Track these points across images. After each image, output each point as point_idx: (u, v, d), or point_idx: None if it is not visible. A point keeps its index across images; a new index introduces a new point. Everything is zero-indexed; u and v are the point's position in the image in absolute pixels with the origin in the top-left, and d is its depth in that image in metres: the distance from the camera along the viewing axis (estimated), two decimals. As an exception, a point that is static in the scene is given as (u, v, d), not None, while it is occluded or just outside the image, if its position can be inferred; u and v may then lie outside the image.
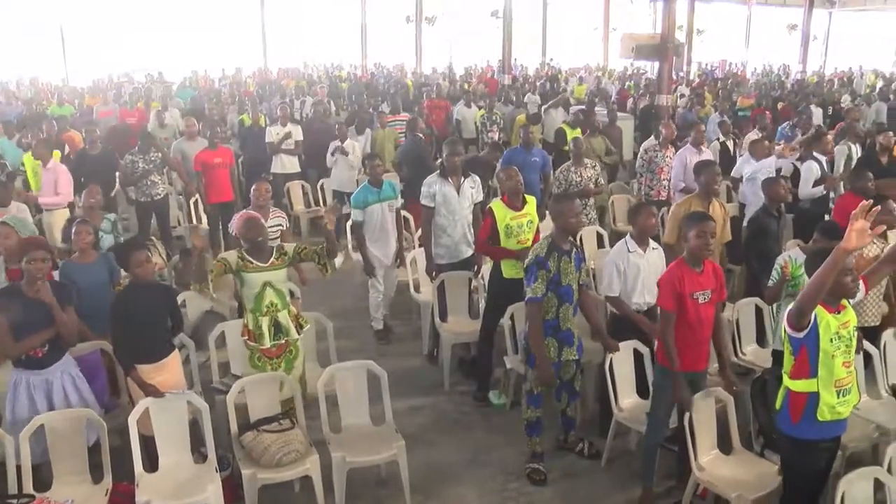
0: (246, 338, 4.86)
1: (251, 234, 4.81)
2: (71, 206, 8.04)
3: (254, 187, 6.24)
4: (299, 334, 4.95)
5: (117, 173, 8.94)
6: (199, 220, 9.52)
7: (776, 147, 8.18)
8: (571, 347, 4.84)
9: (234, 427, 4.57)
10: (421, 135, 10.13)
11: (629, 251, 5.12)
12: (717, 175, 6.20)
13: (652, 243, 5.25)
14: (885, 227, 3.37)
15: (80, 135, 10.33)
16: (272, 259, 4.83)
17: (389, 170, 10.02)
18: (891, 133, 9.53)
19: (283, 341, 4.85)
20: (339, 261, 5.14)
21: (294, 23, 32.41)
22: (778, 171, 8.25)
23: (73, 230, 5.37)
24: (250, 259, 4.78)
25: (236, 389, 4.62)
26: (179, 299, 5.41)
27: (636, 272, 5.09)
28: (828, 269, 3.28)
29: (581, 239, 7.45)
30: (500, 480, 4.97)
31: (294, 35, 32.31)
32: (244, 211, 5.26)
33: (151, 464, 4.40)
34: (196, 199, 9.42)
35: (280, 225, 6.26)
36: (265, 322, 4.78)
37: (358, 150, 9.83)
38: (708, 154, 8.66)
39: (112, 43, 28.30)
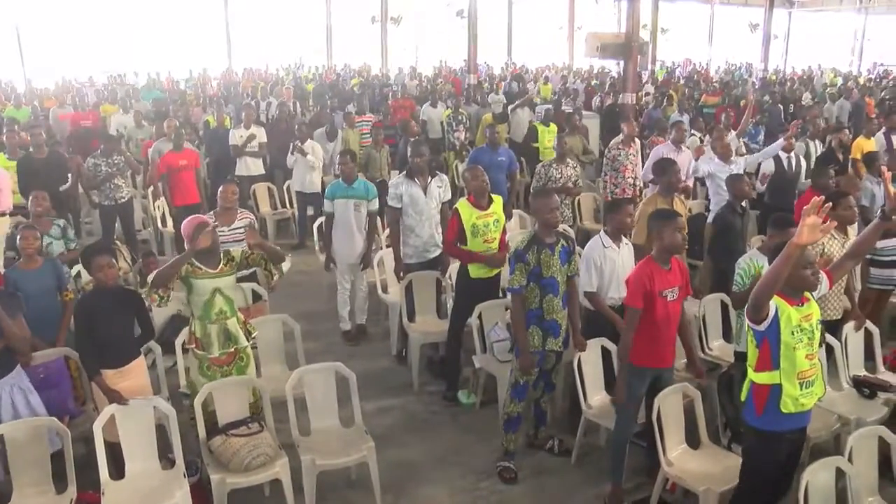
0: (193, 346, 4.74)
1: (202, 243, 4.60)
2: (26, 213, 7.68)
3: (221, 189, 6.13)
4: (248, 341, 4.86)
5: (69, 174, 8.55)
6: (164, 223, 9.40)
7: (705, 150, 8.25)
8: (557, 338, 4.86)
9: (201, 432, 4.51)
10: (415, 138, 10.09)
11: (604, 246, 5.18)
12: (678, 172, 6.36)
13: (624, 239, 5.32)
14: (835, 224, 3.41)
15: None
16: (221, 265, 4.70)
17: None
18: (846, 131, 9.74)
19: (233, 349, 4.76)
20: (286, 265, 4.96)
21: (259, 23, 32.14)
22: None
23: (19, 235, 5.21)
24: (199, 265, 4.63)
25: (204, 394, 4.56)
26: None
27: (611, 267, 5.15)
28: (781, 263, 3.31)
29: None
30: (470, 479, 4.98)
31: (259, 36, 32.03)
32: (195, 216, 5.06)
33: (118, 471, 4.31)
34: (161, 202, 9.29)
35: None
36: (214, 330, 4.67)
37: (319, 151, 9.72)
38: (687, 153, 8.76)
39: (73, 45, 27.77)
